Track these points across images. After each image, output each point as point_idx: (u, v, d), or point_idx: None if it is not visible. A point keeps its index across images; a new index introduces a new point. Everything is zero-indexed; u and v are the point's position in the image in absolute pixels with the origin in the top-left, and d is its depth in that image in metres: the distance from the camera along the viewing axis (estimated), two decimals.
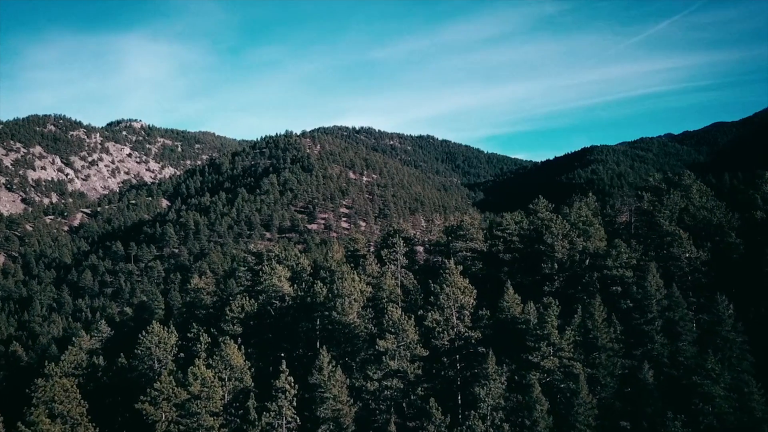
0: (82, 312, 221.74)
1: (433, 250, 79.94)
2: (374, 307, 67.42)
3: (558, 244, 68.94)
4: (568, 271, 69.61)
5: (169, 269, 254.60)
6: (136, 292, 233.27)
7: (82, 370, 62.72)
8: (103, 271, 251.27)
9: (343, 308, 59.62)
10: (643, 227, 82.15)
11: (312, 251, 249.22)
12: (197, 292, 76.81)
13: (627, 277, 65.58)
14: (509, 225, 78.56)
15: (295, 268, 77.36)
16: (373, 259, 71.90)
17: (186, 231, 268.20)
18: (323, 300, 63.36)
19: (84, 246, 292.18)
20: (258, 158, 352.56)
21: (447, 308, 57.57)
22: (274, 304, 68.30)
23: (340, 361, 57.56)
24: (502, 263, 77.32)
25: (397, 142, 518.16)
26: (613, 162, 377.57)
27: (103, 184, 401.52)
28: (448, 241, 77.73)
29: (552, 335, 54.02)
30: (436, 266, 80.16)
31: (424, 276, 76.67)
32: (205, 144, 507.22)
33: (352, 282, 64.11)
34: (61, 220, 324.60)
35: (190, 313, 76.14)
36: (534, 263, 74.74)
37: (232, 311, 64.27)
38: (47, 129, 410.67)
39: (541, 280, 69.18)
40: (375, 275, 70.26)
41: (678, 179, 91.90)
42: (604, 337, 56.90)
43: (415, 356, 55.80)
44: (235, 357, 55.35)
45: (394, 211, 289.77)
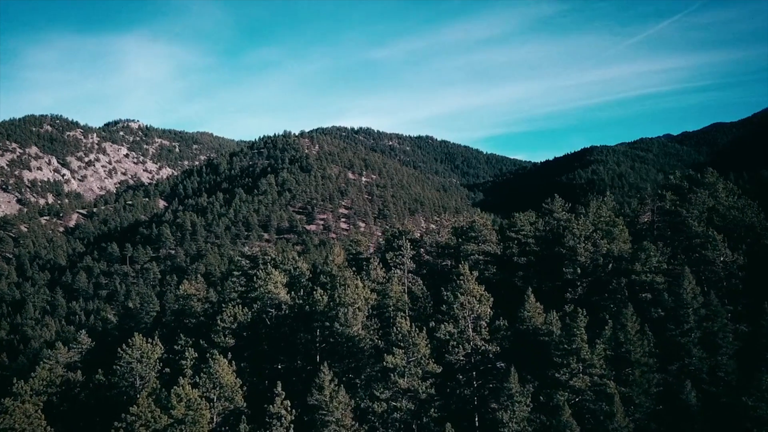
0: (76, 315, 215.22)
1: (441, 253, 73.33)
2: (379, 315, 60.86)
3: (580, 246, 62.43)
4: (591, 276, 63.07)
5: (165, 271, 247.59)
6: (131, 294, 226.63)
7: (56, 387, 56.08)
8: (98, 273, 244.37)
9: (346, 319, 53.01)
10: (665, 228, 75.76)
11: (311, 252, 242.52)
12: (186, 299, 70.15)
13: (657, 283, 59.09)
14: (523, 226, 72.01)
15: (292, 273, 70.76)
16: (377, 264, 65.29)
17: (183, 232, 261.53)
18: (323, 309, 56.75)
19: (79, 247, 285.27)
20: (256, 158, 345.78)
21: (462, 319, 51.02)
22: (270, 313, 61.67)
23: (343, 378, 50.96)
24: (516, 267, 70.82)
25: (396, 143, 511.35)
26: (614, 162, 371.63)
27: (100, 185, 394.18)
28: (457, 243, 71.13)
29: (582, 350, 47.51)
30: (445, 270, 73.64)
31: (432, 281, 70.17)
32: (203, 144, 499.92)
33: (356, 289, 57.49)
34: (56, 220, 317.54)
35: (178, 322, 69.44)
36: (552, 267, 68.30)
37: (223, 321, 57.62)
38: (43, 129, 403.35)
39: (562, 286, 62.64)
40: (380, 281, 63.67)
41: (701, 177, 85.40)
42: (637, 351, 50.41)
43: (427, 373, 49.23)
44: (225, 374, 48.72)
45: (394, 211, 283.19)
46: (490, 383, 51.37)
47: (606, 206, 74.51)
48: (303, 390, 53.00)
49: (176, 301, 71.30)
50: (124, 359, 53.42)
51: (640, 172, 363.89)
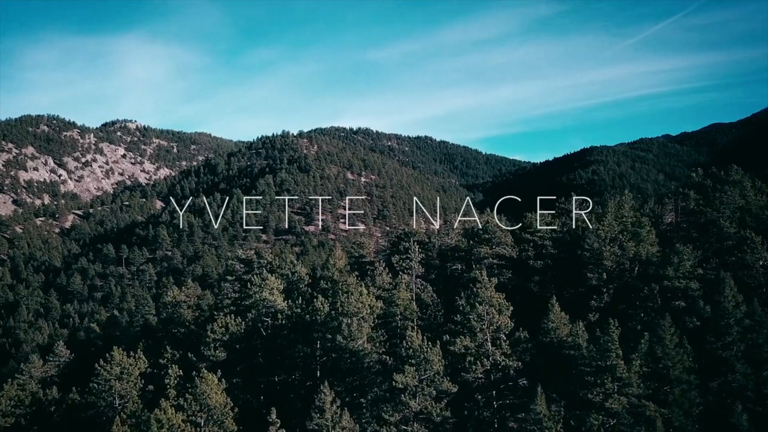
0: (69, 318, 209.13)
1: (451, 256, 67.29)
2: (385, 325, 54.88)
3: (606, 249, 56.44)
4: (617, 282, 57.13)
5: (162, 272, 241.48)
6: (126, 296, 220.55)
7: (26, 408, 50.02)
8: (93, 275, 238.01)
9: (350, 331, 46.99)
10: (690, 229, 69.92)
11: (309, 254, 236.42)
12: (176, 306, 64.08)
13: (692, 290, 53.17)
14: (540, 227, 66.04)
15: (290, 278, 64.70)
16: (383, 268, 59.24)
17: (179, 233, 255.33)
18: (324, 319, 50.73)
19: (75, 249, 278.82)
20: (254, 159, 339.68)
21: (480, 332, 45.00)
22: (265, 323, 55.64)
23: (347, 398, 44.98)
24: (531, 272, 64.91)
25: (395, 143, 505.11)
26: (614, 163, 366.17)
27: (97, 186, 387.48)
28: (469, 246, 65.12)
29: (618, 367, 41.55)
30: (455, 275, 67.65)
31: (442, 287, 64.19)
32: (201, 145, 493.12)
33: (360, 296, 51.45)
34: (52, 221, 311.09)
35: (166, 331, 63.36)
36: (572, 272, 62.45)
37: (213, 332, 51.53)
38: (40, 129, 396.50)
39: (586, 293, 56.67)
40: (386, 287, 57.64)
41: (724, 174, 79.56)
42: (677, 367, 44.49)
43: (442, 393, 43.27)
44: (214, 394, 42.67)
45: (393, 212, 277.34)
46: (511, 404, 45.44)
47: (627, 205, 68.57)
48: (302, 408, 47.13)
49: (164, 309, 65.27)
50: (102, 376, 47.37)
51: (641, 172, 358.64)
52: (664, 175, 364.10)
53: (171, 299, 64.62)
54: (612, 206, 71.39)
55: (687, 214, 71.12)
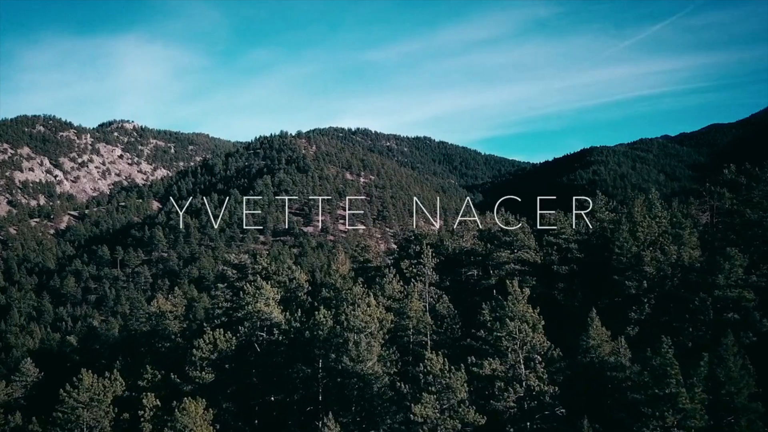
0: (62, 321, 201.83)
1: (467, 261, 60.11)
2: (396, 340, 47.72)
3: (647, 253, 49.27)
4: (657, 291, 50.02)
5: (157, 275, 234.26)
6: (121, 299, 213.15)
7: None
8: (86, 277, 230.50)
9: (358, 351, 39.80)
10: (727, 231, 62.84)
11: (308, 255, 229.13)
12: (160, 317, 56.85)
13: (746, 300, 46.13)
14: (564, 228, 58.91)
15: (288, 285, 57.44)
16: (393, 276, 51.98)
17: (176, 234, 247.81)
18: (327, 334, 43.51)
19: (69, 250, 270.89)
20: (252, 159, 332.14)
21: (511, 352, 37.84)
22: (260, 338, 48.41)
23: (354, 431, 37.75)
24: (556, 278, 57.77)
25: (394, 143, 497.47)
26: (615, 163, 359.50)
27: (93, 186, 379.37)
28: (487, 249, 57.94)
29: (679, 396, 34.43)
30: (470, 282, 60.48)
31: (457, 295, 57.01)
32: (199, 145, 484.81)
33: (368, 308, 44.23)
34: (47, 222, 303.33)
35: (149, 346, 56.11)
36: (601, 279, 55.41)
37: (199, 350, 44.27)
38: (36, 130, 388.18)
39: (622, 304, 49.53)
40: (396, 296, 50.44)
41: (758, 171, 72.45)
42: (742, 393, 37.44)
43: (467, 425, 36.14)
44: (198, 428, 35.39)
45: (393, 213, 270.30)
46: None
47: (658, 204, 61.54)
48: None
49: (147, 321, 58.03)
50: (68, 404, 40.15)
51: (642, 172, 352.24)
52: (665, 175, 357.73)
53: (155, 309, 57.37)
54: (638, 205, 64.41)
55: (722, 214, 64.09)
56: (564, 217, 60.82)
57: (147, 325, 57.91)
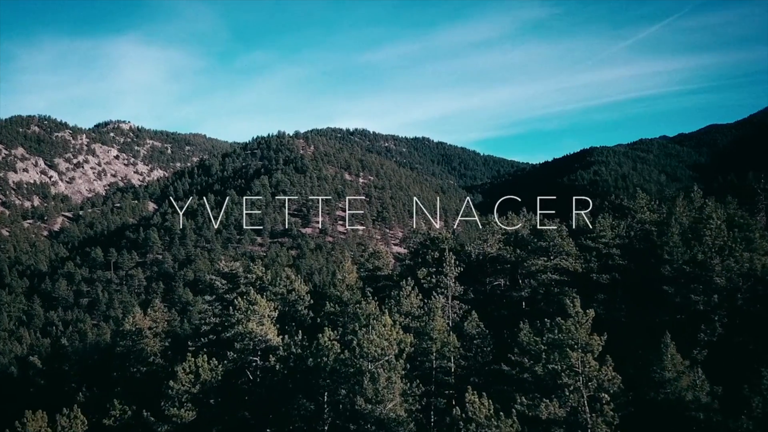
0: (53, 325, 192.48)
1: (494, 270, 51.47)
2: (416, 366, 39.01)
3: (717, 262, 40.68)
4: (726, 306, 41.46)
5: (152, 277, 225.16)
6: (113, 302, 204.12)
7: None
8: (79, 280, 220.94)
9: (376, 389, 31.02)
10: None
11: (307, 257, 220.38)
12: (138, 335, 48.09)
13: None
14: (603, 231, 50.29)
15: (286, 298, 48.66)
16: (411, 288, 43.23)
17: (171, 236, 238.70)
18: (334, 362, 34.76)
19: (62, 252, 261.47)
20: (249, 159, 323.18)
21: (573, 392, 29.14)
22: (252, 365, 39.66)
23: None
24: (595, 289, 49.17)
25: (392, 144, 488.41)
26: (615, 163, 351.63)
27: (89, 187, 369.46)
28: (517, 256, 49.25)
29: None
30: (496, 293, 51.76)
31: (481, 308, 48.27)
32: (196, 146, 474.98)
33: (383, 328, 35.50)
34: (40, 224, 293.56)
35: (122, 371, 47.30)
36: (649, 289, 46.90)
37: (178, 382, 35.51)
38: (31, 130, 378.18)
39: (689, 321, 40.93)
40: (415, 313, 41.75)
41: None
42: None
43: None
44: None
45: (393, 213, 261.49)
46: None
47: (711, 204, 52.91)
48: None
49: (123, 339, 49.26)
50: None
51: (643, 173, 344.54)
52: (665, 175, 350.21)
53: (131, 327, 48.57)
54: (680, 204, 56.00)
55: None
56: (603, 218, 52.12)
57: (122, 345, 49.16)
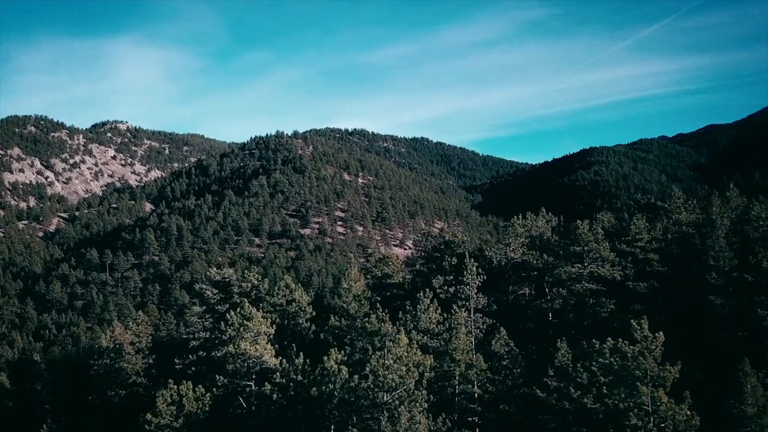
0: (46, 329, 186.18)
1: (519, 277, 45.61)
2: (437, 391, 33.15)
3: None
4: None
5: (148, 279, 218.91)
6: (108, 305, 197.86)
7: None
8: (73, 282, 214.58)
9: (396, 430, 25.08)
10: None
11: (306, 259, 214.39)
12: (116, 353, 42.12)
13: None
14: (640, 234, 44.51)
15: (284, 310, 42.75)
16: (430, 301, 37.33)
17: (168, 237, 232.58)
18: (342, 392, 28.82)
19: (57, 254, 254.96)
20: (247, 159, 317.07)
21: None
22: (247, 389, 33.70)
23: None
24: (632, 298, 43.40)
25: (391, 144, 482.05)
26: (616, 163, 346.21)
27: (85, 188, 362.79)
28: (544, 262, 43.39)
29: None
30: (520, 303, 45.95)
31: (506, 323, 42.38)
32: (194, 146, 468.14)
33: (399, 348, 29.64)
34: (35, 225, 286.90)
35: (99, 394, 41.30)
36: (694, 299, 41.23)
37: (158, 416, 29.59)
38: (27, 130, 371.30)
39: (752, 340, 35.15)
40: (434, 330, 35.86)
41: None
42: None
43: None
44: None
45: (393, 214, 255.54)
46: None
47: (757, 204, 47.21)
48: None
49: (100, 357, 43.14)
50: None
51: (643, 173, 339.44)
52: (666, 176, 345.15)
53: (109, 343, 42.54)
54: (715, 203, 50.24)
55: None
56: (638, 219, 46.33)
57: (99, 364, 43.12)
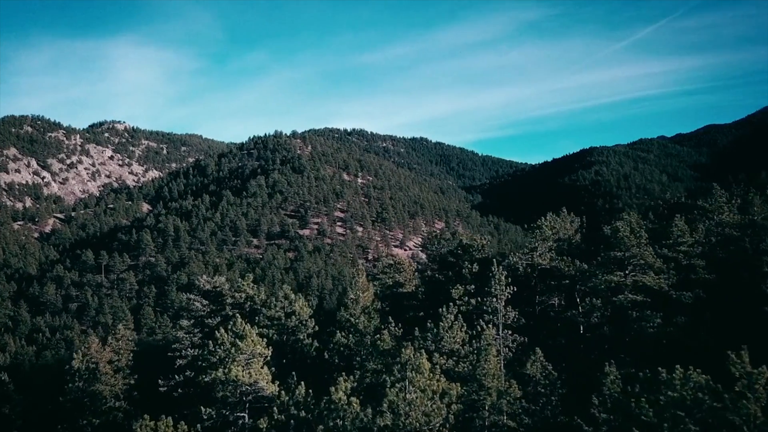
0: (40, 332, 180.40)
1: (542, 286, 40.20)
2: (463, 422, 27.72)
3: None
4: None
5: (144, 281, 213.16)
6: (104, 308, 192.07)
7: None
8: (68, 284, 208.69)
9: None
10: None
11: (305, 260, 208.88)
12: (91, 376, 36.33)
13: None
14: (683, 237, 39.18)
15: (283, 324, 37.26)
16: (454, 318, 31.89)
17: (165, 237, 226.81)
18: (353, 428, 23.36)
19: (53, 255, 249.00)
20: (245, 159, 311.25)
21: None
22: (239, 422, 28.21)
23: None
24: (675, 310, 38.01)
25: (390, 144, 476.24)
26: (616, 163, 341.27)
27: (82, 188, 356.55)
28: (576, 270, 37.92)
29: None
30: (549, 315, 40.63)
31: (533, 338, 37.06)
32: (192, 147, 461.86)
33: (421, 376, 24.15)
34: (30, 226, 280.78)
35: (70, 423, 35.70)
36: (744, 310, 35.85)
37: None
38: (23, 130, 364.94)
39: None
40: (457, 351, 30.40)
41: None
42: None
43: None
44: None
45: (393, 215, 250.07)
46: None
47: None
48: None
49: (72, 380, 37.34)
50: None
51: (644, 173, 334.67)
52: (667, 175, 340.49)
53: (81, 363, 36.84)
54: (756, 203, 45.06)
55: None
56: (680, 221, 40.97)
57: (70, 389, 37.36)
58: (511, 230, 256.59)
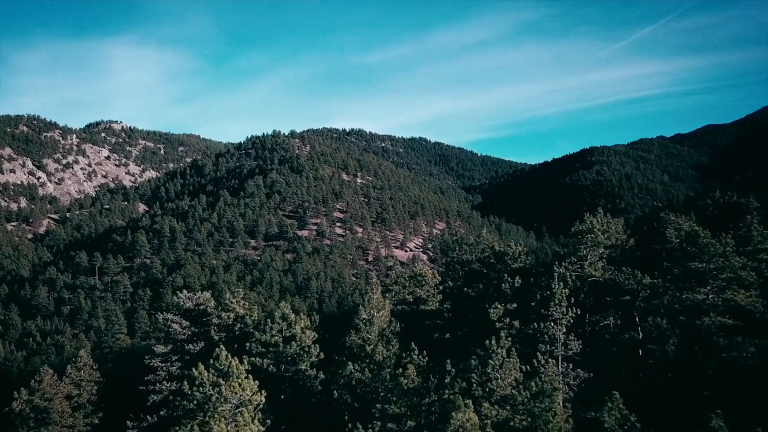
0: (30, 337, 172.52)
1: (594, 302, 32.82)
2: None
3: None
4: None
5: (139, 283, 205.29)
6: (97, 311, 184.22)
7: None
8: (61, 286, 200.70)
9: None
10: None
11: (303, 261, 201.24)
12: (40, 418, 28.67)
13: None
14: (763, 242, 31.69)
15: (281, 352, 29.72)
16: (507, 352, 24.52)
17: (160, 239, 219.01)
18: None
19: (46, 256, 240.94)
20: (243, 159, 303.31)
21: None
22: None
23: None
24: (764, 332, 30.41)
25: (389, 144, 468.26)
26: (617, 163, 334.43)
27: (78, 188, 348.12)
28: (638, 284, 30.46)
29: None
30: (603, 337, 33.19)
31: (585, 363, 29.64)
32: (190, 147, 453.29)
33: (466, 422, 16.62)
34: (24, 227, 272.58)
35: None
36: None
37: None
38: (19, 130, 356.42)
39: None
40: (515, 397, 22.92)
41: None
42: None
43: None
44: None
45: (393, 215, 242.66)
46: None
47: None
48: None
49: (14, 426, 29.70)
50: None
51: (646, 173, 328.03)
52: (668, 175, 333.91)
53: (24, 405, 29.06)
54: None
55: None
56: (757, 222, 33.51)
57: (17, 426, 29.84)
58: (513, 231, 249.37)
